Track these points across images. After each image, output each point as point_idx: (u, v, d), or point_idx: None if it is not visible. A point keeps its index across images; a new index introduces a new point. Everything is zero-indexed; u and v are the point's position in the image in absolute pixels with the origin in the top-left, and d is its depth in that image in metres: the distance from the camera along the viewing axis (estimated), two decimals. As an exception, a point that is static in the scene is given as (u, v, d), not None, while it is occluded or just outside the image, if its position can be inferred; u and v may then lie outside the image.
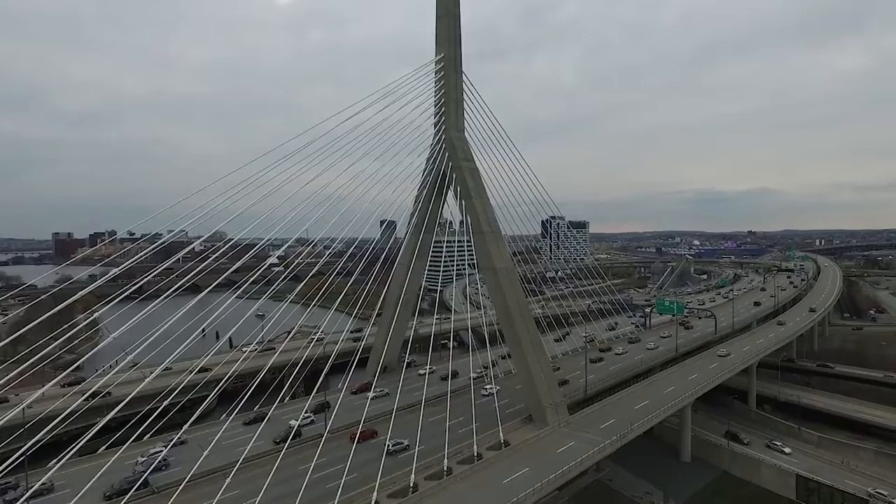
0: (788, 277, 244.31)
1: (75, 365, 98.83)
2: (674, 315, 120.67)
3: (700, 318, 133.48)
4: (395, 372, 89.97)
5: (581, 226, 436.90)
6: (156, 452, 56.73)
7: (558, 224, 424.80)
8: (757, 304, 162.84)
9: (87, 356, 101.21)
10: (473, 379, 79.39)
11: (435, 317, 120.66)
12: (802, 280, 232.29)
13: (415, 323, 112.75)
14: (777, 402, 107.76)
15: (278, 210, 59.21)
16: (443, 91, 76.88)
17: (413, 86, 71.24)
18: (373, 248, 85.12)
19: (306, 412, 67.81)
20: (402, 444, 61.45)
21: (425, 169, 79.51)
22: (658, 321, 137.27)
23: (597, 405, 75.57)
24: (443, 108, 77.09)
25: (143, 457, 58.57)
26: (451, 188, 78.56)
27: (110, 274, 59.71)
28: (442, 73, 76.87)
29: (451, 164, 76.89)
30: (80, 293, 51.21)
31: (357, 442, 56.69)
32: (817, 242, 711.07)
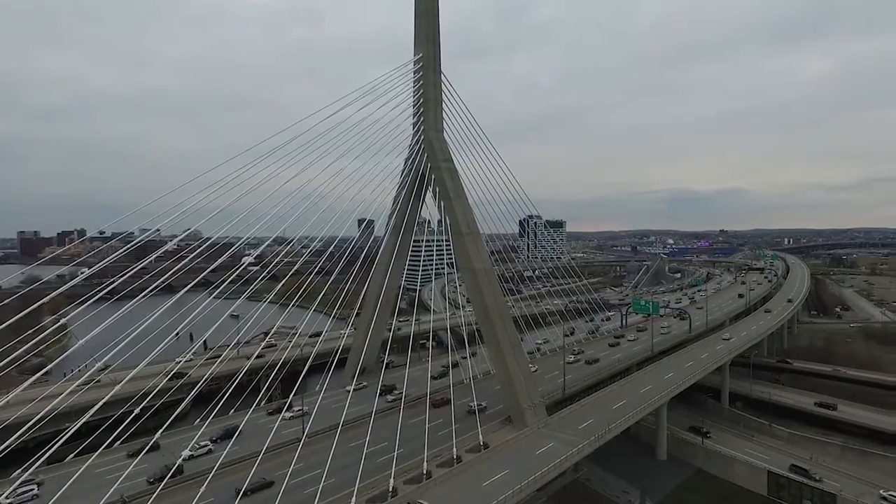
0: (762, 273, 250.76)
1: (45, 370, 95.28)
2: (649, 314, 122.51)
3: (674, 317, 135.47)
4: (373, 373, 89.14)
5: (558, 225, 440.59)
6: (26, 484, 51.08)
7: (535, 223, 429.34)
8: (741, 295, 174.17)
9: (56, 360, 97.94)
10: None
11: (413, 318, 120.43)
12: (775, 274, 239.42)
13: (394, 323, 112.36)
14: (749, 400, 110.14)
15: (255, 208, 58.40)
16: (421, 91, 76.36)
17: (392, 85, 70.80)
18: (352, 248, 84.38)
19: (207, 440, 62.18)
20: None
21: (404, 169, 79.02)
22: (634, 320, 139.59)
23: (575, 405, 76.18)
24: (421, 109, 76.60)
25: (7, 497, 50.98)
26: (430, 189, 78.26)
27: (84, 274, 57.86)
28: (421, 72, 76.35)
29: (429, 164, 76.46)
30: (53, 294, 49.75)
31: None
32: (786, 241, 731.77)
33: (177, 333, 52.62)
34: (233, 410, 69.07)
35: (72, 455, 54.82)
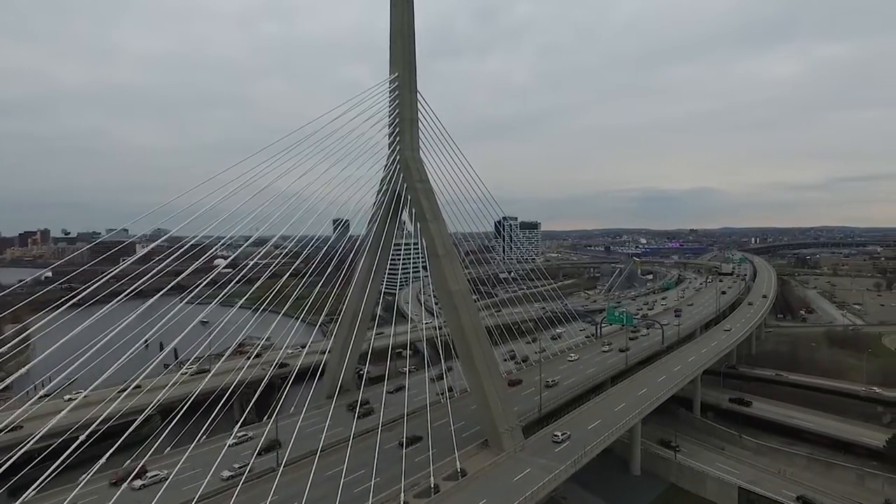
0: (731, 276, 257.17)
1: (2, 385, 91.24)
2: (623, 326, 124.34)
3: (647, 329, 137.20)
4: (349, 393, 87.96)
5: (533, 226, 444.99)
6: None
7: (510, 225, 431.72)
8: (723, 292, 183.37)
9: (15, 375, 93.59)
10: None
11: (393, 328, 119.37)
12: (743, 278, 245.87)
13: (372, 340, 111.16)
14: (720, 410, 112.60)
15: (229, 208, 57.27)
16: (397, 111, 75.70)
17: (371, 103, 70.25)
18: (337, 252, 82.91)
19: None
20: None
21: (379, 190, 78.39)
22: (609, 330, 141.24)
23: (552, 425, 76.47)
24: (397, 129, 75.88)
25: None
26: (406, 209, 77.73)
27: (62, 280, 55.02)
28: (397, 92, 75.67)
29: (405, 185, 75.89)
30: (21, 304, 47.24)
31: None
32: (753, 241, 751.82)
33: (146, 342, 50.34)
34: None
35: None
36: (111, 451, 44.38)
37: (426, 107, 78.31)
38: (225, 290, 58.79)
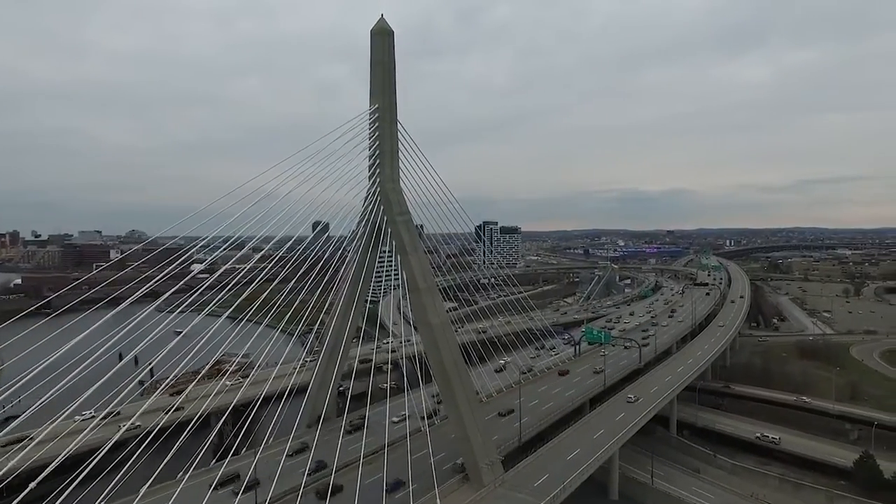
0: (707, 287, 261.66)
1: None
2: (601, 343, 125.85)
3: (626, 347, 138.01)
4: (330, 421, 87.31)
5: (513, 231, 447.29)
6: None
7: (490, 230, 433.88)
8: (708, 293, 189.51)
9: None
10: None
11: (375, 343, 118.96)
12: (718, 285, 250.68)
13: (357, 358, 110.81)
14: (695, 428, 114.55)
15: (209, 210, 56.63)
16: (378, 143, 75.39)
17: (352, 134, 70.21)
18: (333, 262, 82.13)
19: None
20: None
21: (360, 220, 78.19)
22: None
23: (531, 457, 76.92)
24: (378, 161, 75.59)
25: None
26: (386, 241, 77.60)
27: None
28: (377, 123, 75.36)
29: (386, 217, 75.65)
30: None
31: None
32: (728, 243, 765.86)
33: (119, 357, 48.25)
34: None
35: None
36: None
37: (406, 136, 78.41)
38: (204, 299, 57.78)
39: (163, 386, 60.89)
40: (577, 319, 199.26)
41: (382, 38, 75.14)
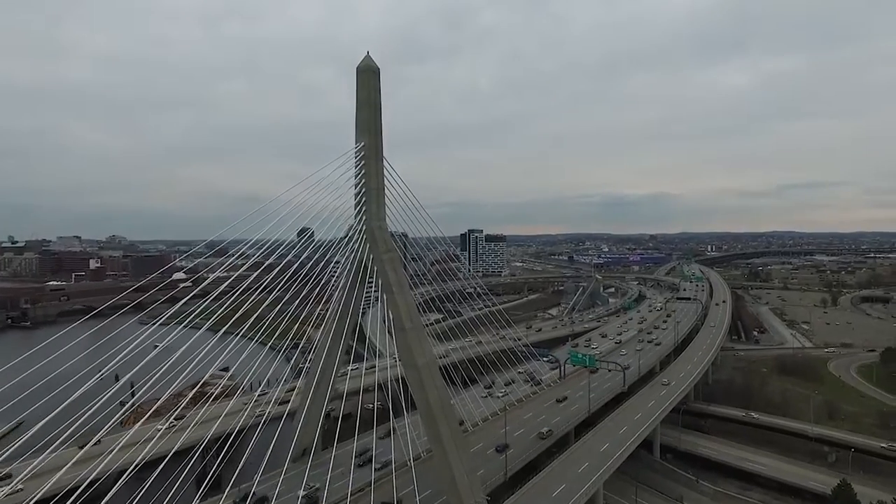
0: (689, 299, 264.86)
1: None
2: (586, 366, 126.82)
3: (609, 370, 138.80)
4: (316, 454, 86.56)
5: (499, 239, 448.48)
6: None
7: (476, 238, 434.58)
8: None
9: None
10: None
11: (363, 367, 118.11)
12: (702, 290, 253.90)
13: (345, 389, 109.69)
14: (678, 452, 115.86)
15: (195, 213, 56.18)
16: (364, 181, 75.26)
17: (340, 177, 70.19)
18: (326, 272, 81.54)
19: None
20: None
21: (346, 256, 78.06)
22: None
23: (517, 495, 77.24)
24: (364, 199, 75.44)
25: None
26: (372, 278, 77.46)
27: None
28: (363, 161, 75.25)
29: (372, 255, 75.55)
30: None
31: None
32: (710, 248, 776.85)
33: (100, 374, 47.17)
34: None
35: None
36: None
37: (393, 173, 78.50)
38: (188, 309, 56.75)
39: (144, 417, 58.02)
40: (562, 335, 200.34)
41: (368, 76, 75.07)
